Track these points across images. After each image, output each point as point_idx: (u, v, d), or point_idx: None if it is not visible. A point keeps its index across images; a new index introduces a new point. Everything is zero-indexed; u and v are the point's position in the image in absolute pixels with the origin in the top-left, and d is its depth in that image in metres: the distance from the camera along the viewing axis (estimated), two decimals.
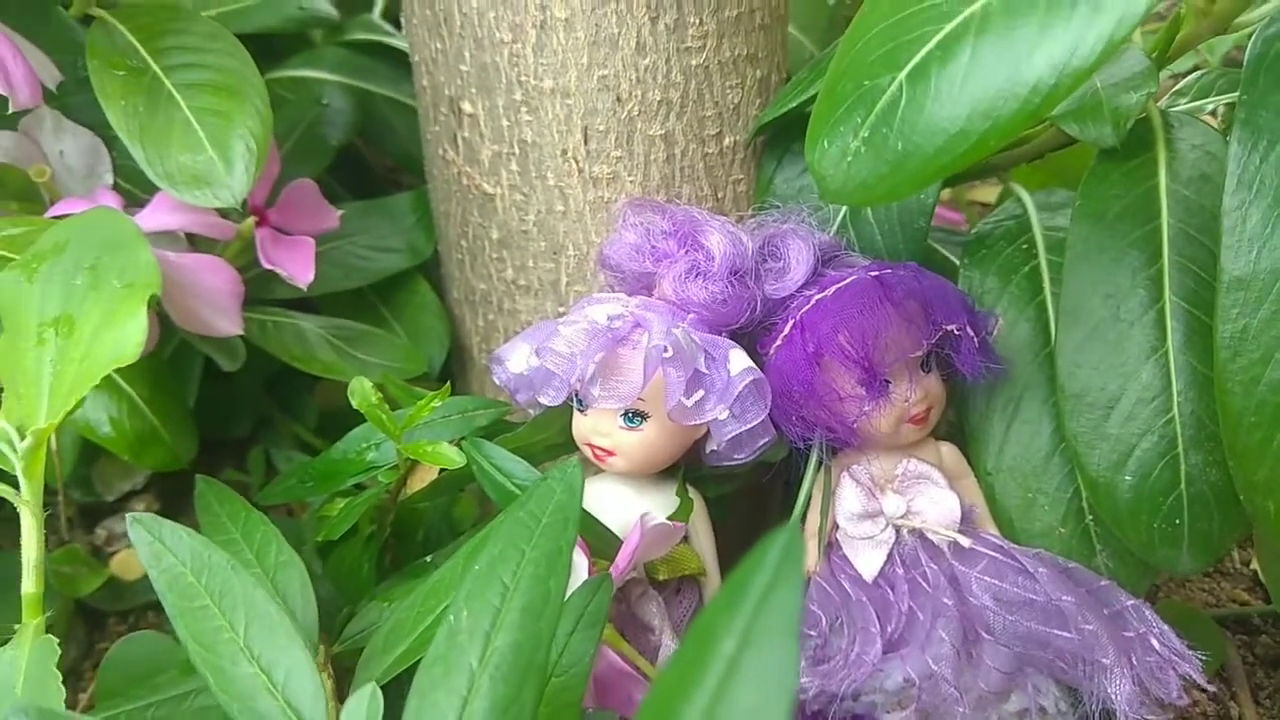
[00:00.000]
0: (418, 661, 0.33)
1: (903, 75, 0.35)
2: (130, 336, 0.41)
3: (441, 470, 0.48)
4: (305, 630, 0.42)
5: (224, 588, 0.36)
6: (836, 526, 0.52)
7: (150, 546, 0.37)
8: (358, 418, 0.50)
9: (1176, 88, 0.63)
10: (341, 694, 0.37)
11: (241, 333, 0.53)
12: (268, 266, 0.54)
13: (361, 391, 0.46)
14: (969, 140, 0.33)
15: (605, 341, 0.48)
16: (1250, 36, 0.45)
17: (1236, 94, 0.60)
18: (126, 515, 0.38)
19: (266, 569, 0.42)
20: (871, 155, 0.35)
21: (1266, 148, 0.41)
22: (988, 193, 1.14)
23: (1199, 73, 0.63)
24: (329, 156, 0.70)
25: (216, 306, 0.51)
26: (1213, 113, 0.59)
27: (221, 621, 0.35)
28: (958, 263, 0.57)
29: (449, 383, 0.50)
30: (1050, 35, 0.32)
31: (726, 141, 0.57)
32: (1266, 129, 0.41)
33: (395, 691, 0.35)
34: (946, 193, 1.17)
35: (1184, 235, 0.47)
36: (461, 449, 0.48)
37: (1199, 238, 0.47)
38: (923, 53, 0.35)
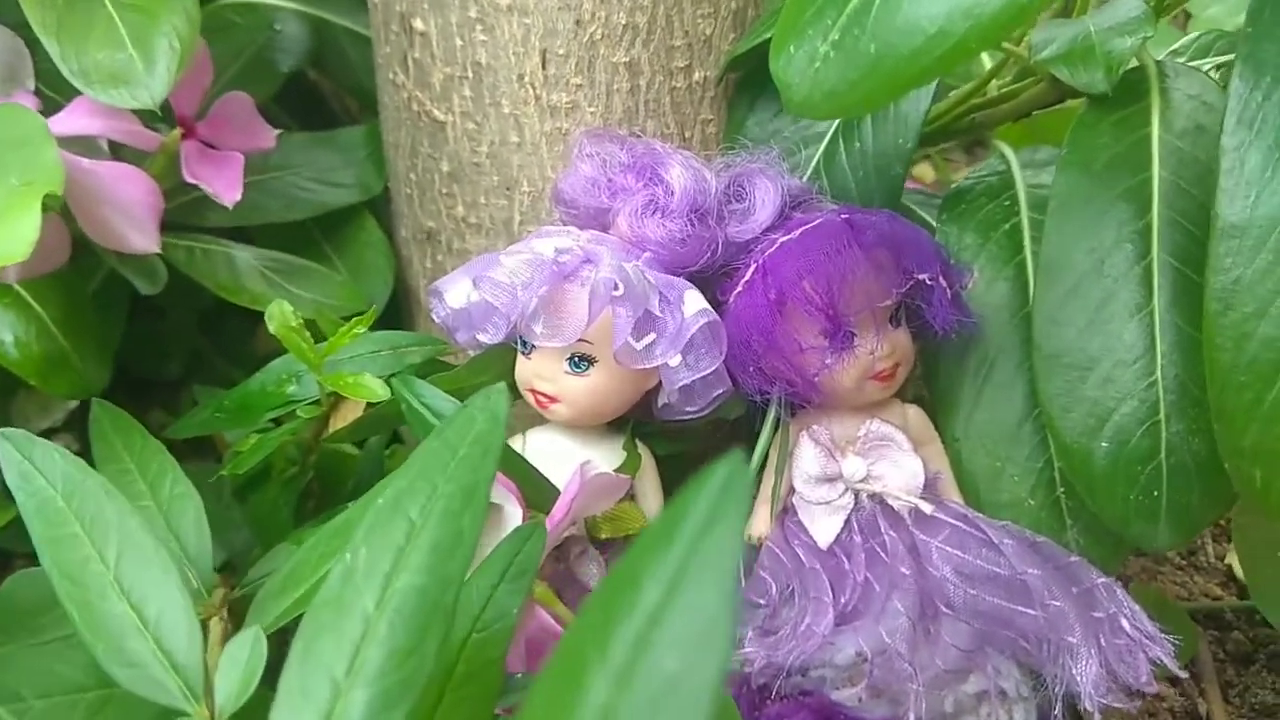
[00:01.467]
0: None
1: None
2: (22, 234, 0.37)
3: (367, 406, 0.44)
4: (198, 570, 0.38)
5: (96, 514, 0.32)
6: (792, 490, 0.49)
7: (19, 466, 0.33)
8: None
9: (1173, 47, 0.60)
10: None
11: (157, 249, 0.49)
12: (190, 180, 0.50)
13: (280, 315, 0.42)
14: (948, 40, 0.30)
15: (550, 275, 0.44)
16: None
17: (1233, 55, 0.57)
18: None
19: (160, 502, 0.38)
20: (842, 59, 0.31)
21: (1270, 85, 0.37)
22: None
23: (1197, 34, 0.60)
24: (277, 82, 0.66)
25: (131, 219, 0.46)
26: (1208, 74, 0.55)
27: (91, 551, 0.32)
28: (935, 224, 0.54)
29: (389, 327, 0.47)
30: None
31: (696, 76, 0.54)
32: (1270, 65, 0.38)
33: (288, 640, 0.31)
34: (932, 174, 1.15)
35: (1176, 188, 0.44)
36: (389, 386, 0.44)
37: (1191, 191, 0.44)
38: None
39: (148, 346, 0.66)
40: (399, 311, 0.64)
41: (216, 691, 0.28)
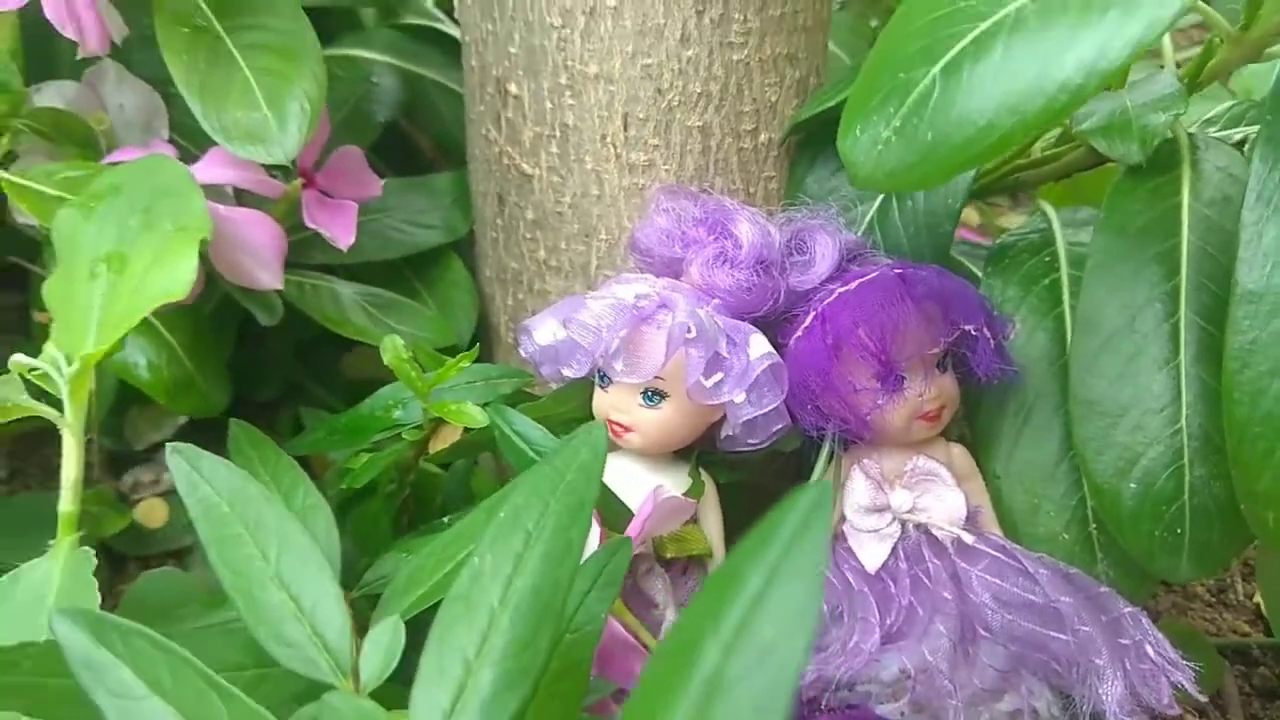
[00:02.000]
0: (436, 604, 0.34)
1: (937, 69, 0.36)
2: (180, 275, 0.43)
3: (465, 432, 0.49)
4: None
5: (258, 518, 0.37)
6: (843, 518, 0.53)
7: (188, 476, 0.38)
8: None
9: (1207, 116, 0.64)
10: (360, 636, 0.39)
11: (281, 286, 0.54)
12: (311, 226, 0.55)
13: (393, 348, 0.47)
14: (995, 134, 0.34)
15: (631, 318, 0.49)
16: None
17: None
18: (166, 445, 0.39)
19: (295, 511, 0.43)
20: (902, 144, 0.36)
21: None
22: (1017, 221, 1.15)
23: (1230, 103, 0.64)
24: (375, 132, 0.72)
25: (260, 260, 0.52)
26: (1241, 143, 0.60)
27: (254, 550, 0.37)
28: (981, 276, 0.58)
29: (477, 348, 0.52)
30: (1081, 37, 0.34)
31: (762, 138, 0.59)
32: None
33: (413, 632, 0.36)
34: (977, 218, 1.19)
35: (1203, 253, 0.49)
36: (487, 413, 0.49)
37: (1217, 256, 0.48)
38: (958, 48, 0.36)
39: (249, 370, 0.72)
40: (482, 344, 0.69)
41: (361, 670, 0.33)
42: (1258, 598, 0.76)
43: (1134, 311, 0.48)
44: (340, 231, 0.56)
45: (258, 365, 0.74)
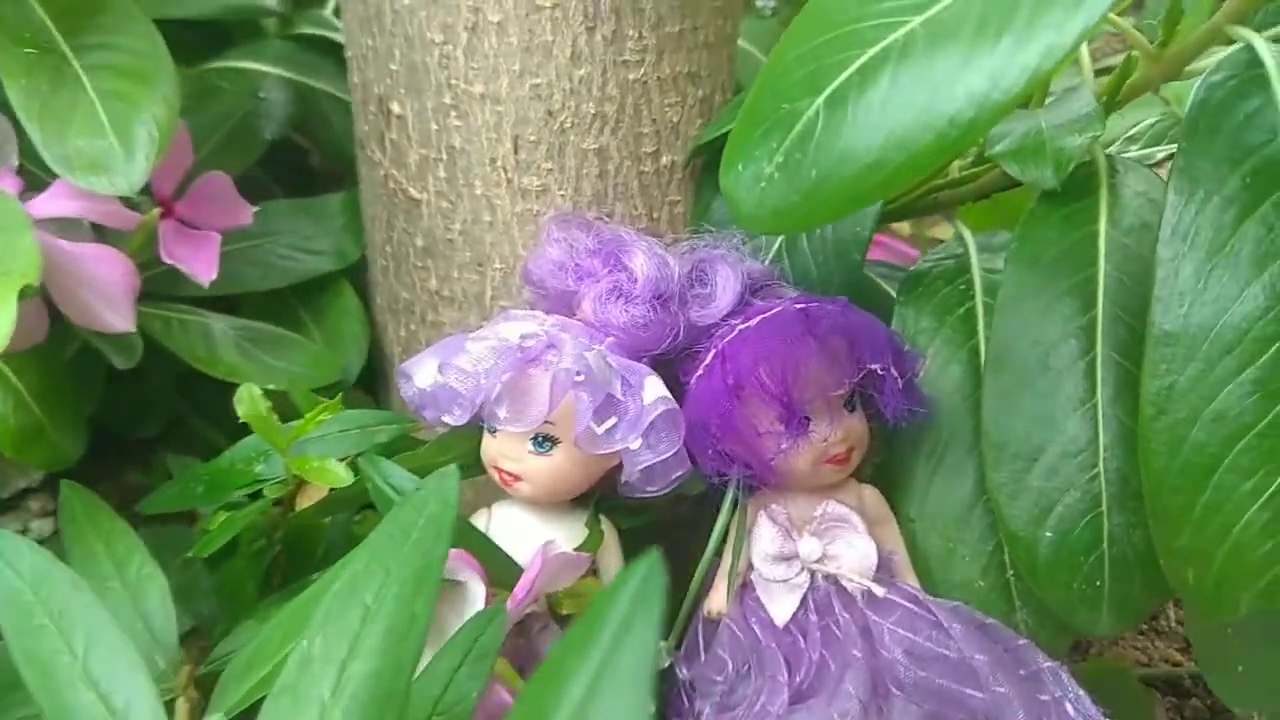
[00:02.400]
0: None
1: (821, 100, 0.33)
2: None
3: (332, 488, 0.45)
4: (163, 650, 0.39)
5: (64, 607, 0.33)
6: (751, 567, 0.50)
7: None
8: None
9: (1130, 133, 0.62)
10: None
11: (133, 329, 0.50)
12: (168, 261, 0.51)
13: (249, 399, 0.43)
14: (883, 171, 0.31)
15: (514, 361, 0.45)
16: None
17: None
18: None
19: (127, 583, 0.39)
20: (785, 181, 0.33)
21: (1204, 198, 0.39)
22: (949, 232, 1.12)
23: (1153, 119, 0.62)
24: (259, 149, 0.67)
25: (107, 299, 0.48)
26: (1163, 161, 0.57)
27: (59, 643, 0.33)
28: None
29: (366, 393, 0.48)
30: (972, 65, 0.31)
31: (664, 160, 0.55)
32: (1204, 179, 0.39)
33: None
34: (906, 228, 1.16)
35: (1120, 285, 0.46)
36: (357, 465, 0.45)
37: (1136, 288, 0.45)
38: (843, 77, 0.33)
39: (127, 407, 0.67)
40: (375, 377, 0.65)
41: None
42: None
43: (1048, 348, 0.46)
44: (201, 266, 0.51)
45: (136, 401, 0.69)
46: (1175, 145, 0.59)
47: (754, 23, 1.01)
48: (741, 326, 0.48)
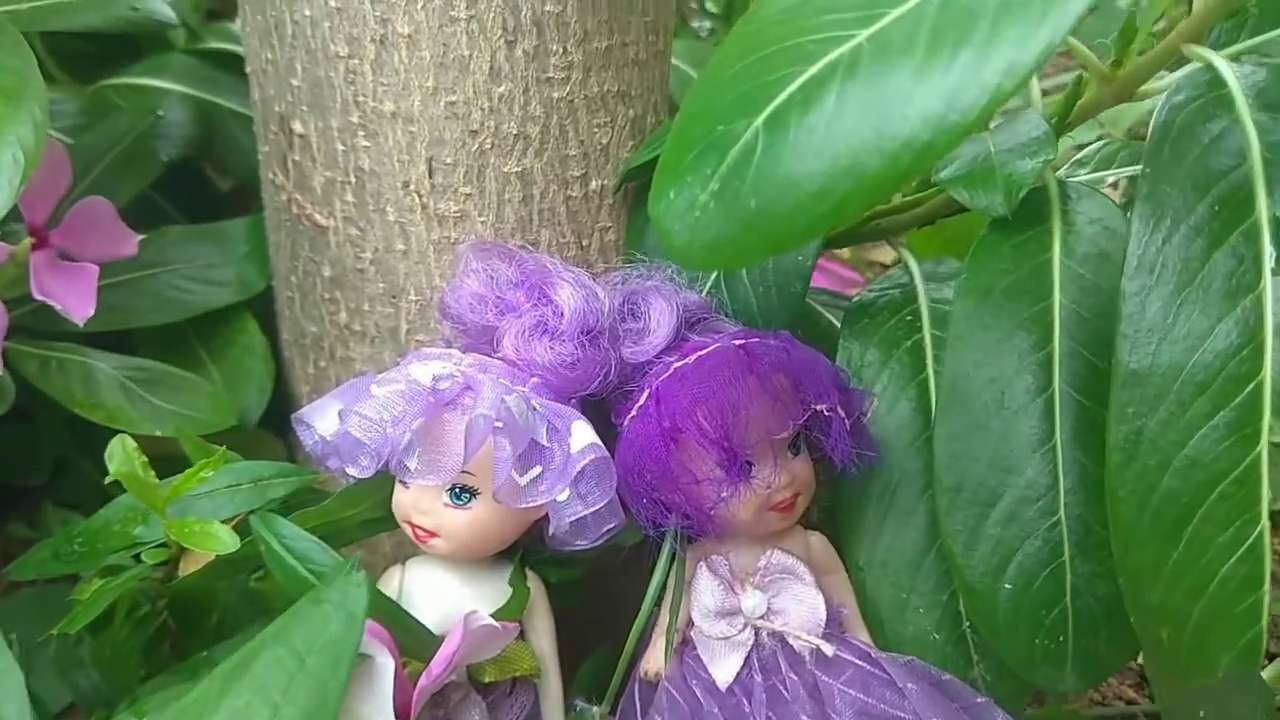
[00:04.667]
0: None
1: (759, 121, 0.29)
2: None
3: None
4: None
5: None
6: (691, 623, 0.46)
7: None
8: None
9: (1077, 157, 0.59)
10: None
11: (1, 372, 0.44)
12: (39, 297, 0.46)
13: (122, 454, 0.38)
14: (829, 201, 0.28)
15: (425, 406, 0.41)
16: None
17: (1139, 167, 0.56)
18: None
19: None
20: (721, 212, 0.29)
21: (1170, 227, 0.36)
22: (889, 255, 1.10)
23: (1101, 142, 0.60)
24: (155, 171, 0.62)
25: None
26: (1114, 185, 0.55)
27: None
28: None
29: (276, 436, 0.43)
30: (926, 84, 0.27)
31: (593, 185, 0.52)
32: (1170, 206, 0.37)
33: None
34: (845, 252, 1.14)
35: (1077, 318, 0.43)
36: (250, 524, 0.40)
37: (1094, 321, 0.43)
38: (783, 96, 0.29)
39: (12, 453, 0.61)
40: (280, 418, 0.60)
41: None
42: (1141, 658, 0.72)
43: (1002, 386, 0.43)
44: (75, 302, 0.46)
45: (25, 445, 0.63)
46: (1126, 169, 0.58)
47: (691, 43, 0.98)
48: (677, 365, 0.44)
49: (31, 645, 0.49)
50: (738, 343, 0.43)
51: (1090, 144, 0.61)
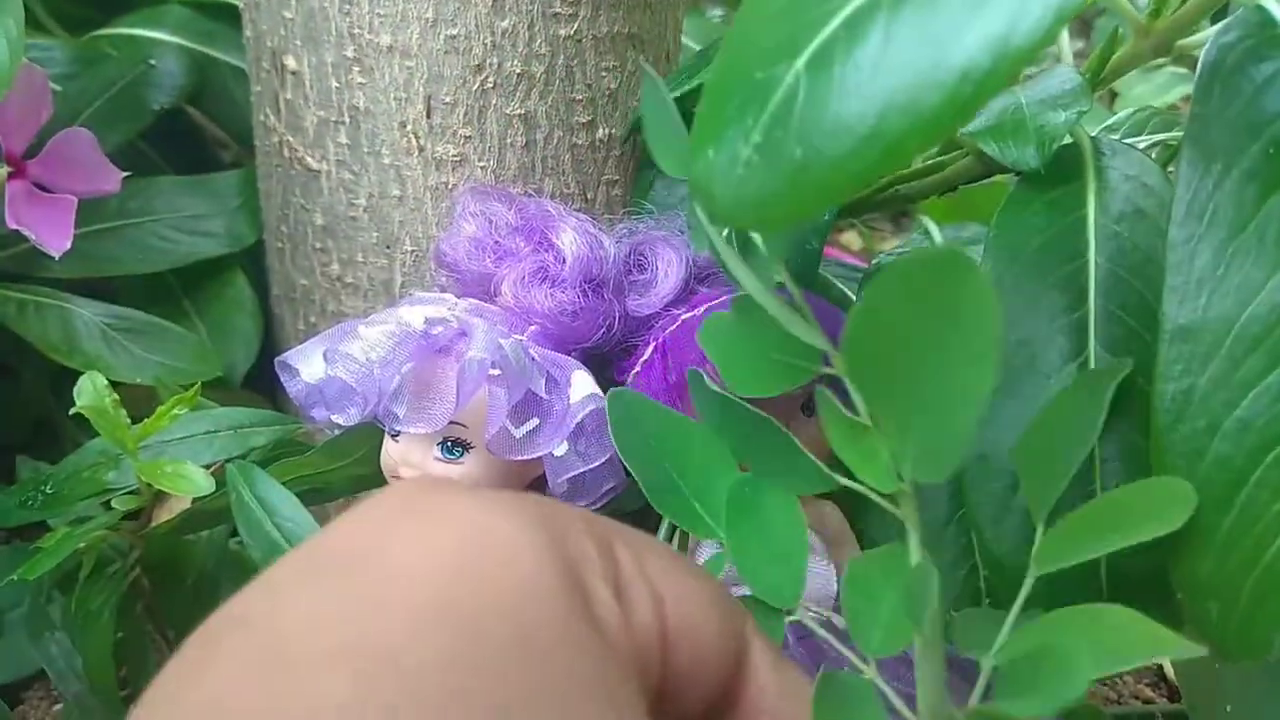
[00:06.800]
0: None
1: (800, 63, 0.26)
2: None
3: (195, 499, 0.38)
4: None
5: None
6: None
7: None
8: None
9: (1108, 123, 0.57)
10: None
11: None
12: (13, 226, 0.43)
13: (91, 390, 0.35)
14: (883, 142, 0.25)
15: (416, 349, 0.38)
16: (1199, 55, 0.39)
17: (1170, 133, 0.54)
18: None
19: None
20: (766, 165, 0.26)
21: (1221, 172, 0.34)
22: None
23: (1131, 109, 0.57)
24: (145, 120, 0.60)
25: None
26: (1145, 152, 0.52)
27: None
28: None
29: (264, 397, 0.40)
30: (985, 7, 0.25)
31: (600, 133, 0.49)
32: (1221, 149, 0.34)
33: None
34: (859, 242, 1.12)
35: (1114, 277, 0.40)
36: (226, 473, 0.38)
37: (1131, 281, 0.40)
38: (825, 34, 0.26)
39: None
40: (268, 380, 0.57)
41: None
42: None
43: (1033, 349, 0.40)
44: (51, 234, 0.44)
45: (4, 402, 0.61)
46: (1158, 135, 0.55)
47: (700, 20, 0.95)
48: (686, 316, 0.42)
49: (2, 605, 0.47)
50: None
51: (1122, 112, 0.59)
